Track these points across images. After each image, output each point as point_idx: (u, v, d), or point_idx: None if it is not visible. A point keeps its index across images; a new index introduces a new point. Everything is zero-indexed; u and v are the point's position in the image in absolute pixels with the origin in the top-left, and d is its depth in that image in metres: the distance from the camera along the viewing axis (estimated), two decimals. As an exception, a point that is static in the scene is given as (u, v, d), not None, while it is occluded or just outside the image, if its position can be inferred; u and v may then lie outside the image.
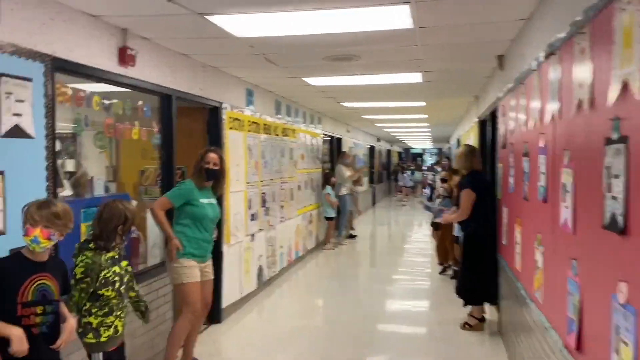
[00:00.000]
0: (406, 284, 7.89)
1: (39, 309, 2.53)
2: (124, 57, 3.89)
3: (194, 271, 4.10)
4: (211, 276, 4.36)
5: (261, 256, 6.99)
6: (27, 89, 3.01)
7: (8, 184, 2.86)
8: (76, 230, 3.52)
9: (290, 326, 5.74)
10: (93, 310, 2.97)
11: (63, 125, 3.96)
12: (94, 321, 2.98)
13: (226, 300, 5.80)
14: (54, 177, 3.21)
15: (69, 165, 6.07)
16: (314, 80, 6.59)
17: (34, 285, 2.51)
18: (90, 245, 3.03)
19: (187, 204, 4.08)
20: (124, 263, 3.16)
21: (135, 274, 4.25)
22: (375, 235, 13.48)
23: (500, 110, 5.28)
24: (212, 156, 4.23)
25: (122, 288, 3.06)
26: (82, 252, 2.99)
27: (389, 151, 26.29)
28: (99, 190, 4.23)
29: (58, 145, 6.28)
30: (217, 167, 4.24)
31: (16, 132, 2.93)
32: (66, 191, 4.05)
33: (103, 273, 2.98)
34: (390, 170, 26.24)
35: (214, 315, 5.66)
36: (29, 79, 3.02)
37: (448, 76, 6.42)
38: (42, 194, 3.11)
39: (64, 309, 2.72)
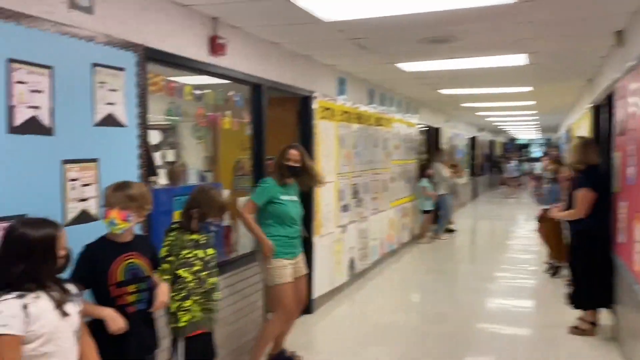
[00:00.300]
0: (508, 282, 7.41)
1: (131, 288, 2.57)
2: (215, 46, 3.90)
3: (286, 271, 4.00)
4: (304, 271, 4.27)
5: (352, 248, 6.86)
6: (120, 79, 3.08)
7: (102, 171, 2.95)
8: (169, 217, 3.59)
9: (384, 320, 5.57)
10: (172, 294, 2.99)
11: (164, 118, 4.05)
12: (172, 305, 3.00)
13: (317, 291, 5.74)
14: (146, 165, 3.27)
15: (169, 155, 6.32)
16: (407, 66, 6.31)
17: (123, 265, 2.55)
18: (174, 226, 3.08)
19: (269, 202, 3.99)
20: (209, 250, 3.16)
21: (226, 262, 4.32)
22: (476, 230, 12.88)
23: (618, 93, 4.73)
24: (293, 153, 4.10)
25: (202, 274, 3.06)
26: (169, 233, 3.04)
27: (491, 142, 25.08)
28: (193, 179, 4.30)
29: (159, 137, 6.65)
30: (298, 164, 4.10)
31: (109, 120, 3.00)
32: (161, 180, 4.15)
33: (184, 252, 3.00)
34: (494, 161, 24.94)
35: (306, 305, 5.62)
36: (121, 69, 3.09)
37: (557, 57, 5.87)
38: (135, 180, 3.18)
39: (156, 280, 2.77)
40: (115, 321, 2.46)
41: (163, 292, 2.72)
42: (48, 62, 2.61)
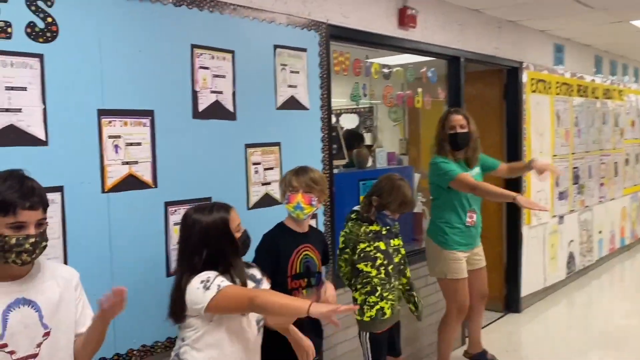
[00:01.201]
0: None
1: (303, 282, 2.47)
2: (404, 18, 3.61)
3: (461, 265, 3.51)
4: (483, 263, 3.74)
5: (572, 242, 5.96)
6: (302, 60, 2.99)
7: (284, 155, 2.90)
8: (354, 201, 3.43)
9: (612, 325, 4.71)
10: (357, 286, 2.82)
11: (350, 99, 3.92)
12: (358, 297, 2.83)
13: (526, 288, 5.10)
14: (329, 149, 3.16)
15: (367, 139, 6.24)
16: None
17: (300, 256, 2.45)
18: (352, 216, 2.88)
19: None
20: (394, 241, 2.91)
21: (416, 251, 4.03)
22: None
23: None
24: (456, 117, 3.46)
25: (389, 268, 2.82)
26: (346, 223, 2.87)
27: None
28: (382, 163, 4.09)
29: (356, 120, 6.63)
30: (464, 130, 3.46)
31: (291, 103, 2.94)
32: (346, 163, 4.03)
33: (361, 246, 2.79)
34: None
35: (511, 303, 5.07)
36: (303, 49, 3.00)
37: None
38: (318, 166, 3.09)
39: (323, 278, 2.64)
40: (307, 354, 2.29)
41: (331, 293, 2.52)
42: (229, 47, 2.62)
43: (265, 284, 2.16)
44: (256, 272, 2.14)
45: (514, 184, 4.95)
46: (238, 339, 2.00)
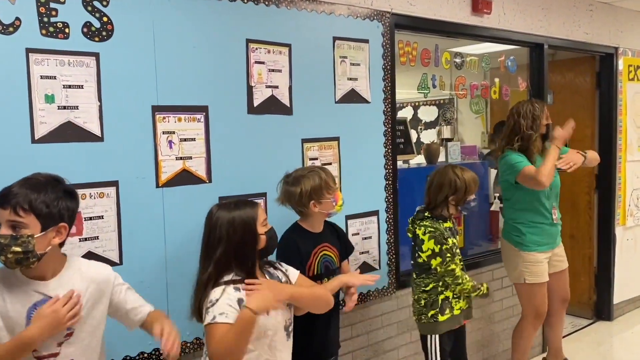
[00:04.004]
0: None
1: (323, 282, 2.37)
2: (478, 4, 3.39)
3: (541, 268, 3.23)
4: (565, 264, 3.43)
5: (677, 245, 5.37)
6: (363, 51, 2.89)
7: (343, 150, 2.83)
8: (421, 197, 3.28)
9: None
10: (431, 284, 2.71)
11: (419, 91, 3.75)
12: (421, 301, 2.71)
13: (619, 294, 4.67)
14: (392, 144, 3.04)
15: (446, 132, 6.01)
16: None
17: (318, 258, 2.34)
18: (427, 214, 2.74)
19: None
20: (443, 225, 2.75)
21: (491, 252, 3.81)
22: None
23: None
24: (545, 110, 3.23)
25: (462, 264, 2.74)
26: (418, 223, 2.72)
27: None
28: (455, 157, 3.89)
29: (435, 112, 6.39)
30: (550, 122, 3.24)
31: (352, 97, 2.85)
32: (417, 158, 3.87)
33: (450, 242, 2.67)
34: None
35: (602, 310, 4.67)
36: (365, 41, 2.89)
37: None
38: (380, 161, 2.99)
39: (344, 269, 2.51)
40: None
41: (354, 285, 2.37)
42: (286, 40, 2.58)
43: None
44: (281, 274, 2.03)
45: (605, 178, 4.56)
46: (264, 351, 1.92)
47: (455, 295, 2.72)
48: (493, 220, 3.95)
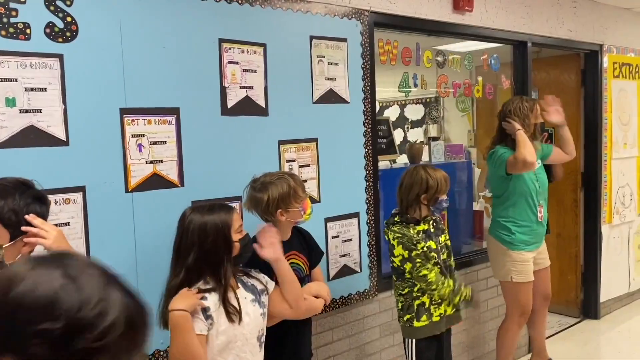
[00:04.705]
0: None
1: None
2: (459, 1, 3.34)
3: (528, 267, 3.23)
4: (547, 262, 3.45)
5: (664, 242, 5.37)
6: (342, 51, 2.84)
7: (322, 151, 2.77)
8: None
9: None
10: (406, 290, 2.65)
11: (399, 89, 3.70)
12: (405, 301, 2.66)
13: (606, 293, 4.65)
14: (373, 144, 2.99)
15: (432, 130, 5.98)
16: None
17: None
18: (396, 219, 2.69)
19: (508, 178, 3.20)
20: (442, 238, 2.73)
21: (476, 252, 3.77)
22: None
23: None
24: (537, 108, 3.26)
25: (442, 267, 2.68)
26: (390, 228, 2.67)
27: None
28: (438, 157, 3.85)
29: (422, 111, 6.35)
30: (541, 121, 3.29)
31: (330, 97, 2.80)
32: (400, 158, 3.83)
33: (419, 246, 2.61)
34: None
35: (589, 308, 4.65)
36: (343, 40, 2.84)
37: None
38: (360, 161, 2.94)
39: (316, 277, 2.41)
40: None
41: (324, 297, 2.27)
42: (261, 40, 2.52)
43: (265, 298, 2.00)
44: (258, 283, 1.98)
45: (591, 176, 4.54)
46: None
47: (434, 302, 2.65)
48: (477, 219, 3.91)
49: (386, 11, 3.02)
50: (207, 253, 1.82)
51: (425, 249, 2.63)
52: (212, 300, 1.80)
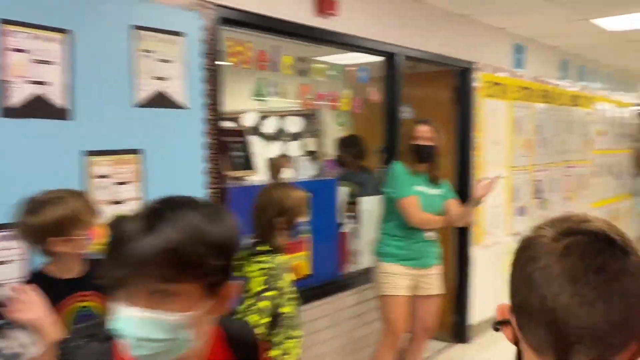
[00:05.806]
0: None
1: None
2: (322, 3, 3.03)
3: (399, 281, 3.12)
4: (436, 290, 3.25)
5: (532, 261, 5.43)
6: (176, 46, 2.40)
7: (149, 165, 2.30)
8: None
9: None
10: (279, 336, 2.22)
11: (255, 98, 3.31)
12: (274, 353, 2.23)
13: (476, 315, 4.55)
14: (215, 157, 2.56)
15: (310, 144, 5.68)
16: (608, 23, 4.64)
17: (69, 312, 1.76)
18: (262, 248, 2.23)
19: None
20: (278, 259, 2.24)
21: (344, 277, 3.47)
22: None
23: None
24: (423, 129, 3.16)
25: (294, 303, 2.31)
26: (252, 258, 2.22)
27: None
28: (306, 173, 3.51)
29: (300, 124, 6.05)
30: (430, 143, 3.12)
31: (159, 100, 2.34)
32: (257, 175, 3.44)
33: (279, 283, 2.20)
34: None
35: (458, 333, 4.51)
36: (178, 33, 2.40)
37: None
38: (198, 177, 2.50)
39: None
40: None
41: None
42: (64, 25, 2.02)
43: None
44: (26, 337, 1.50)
45: (462, 199, 4.42)
46: None
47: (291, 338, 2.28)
48: (343, 243, 3.58)
49: (235, 6, 2.63)
50: None
51: (285, 284, 2.23)
52: None
